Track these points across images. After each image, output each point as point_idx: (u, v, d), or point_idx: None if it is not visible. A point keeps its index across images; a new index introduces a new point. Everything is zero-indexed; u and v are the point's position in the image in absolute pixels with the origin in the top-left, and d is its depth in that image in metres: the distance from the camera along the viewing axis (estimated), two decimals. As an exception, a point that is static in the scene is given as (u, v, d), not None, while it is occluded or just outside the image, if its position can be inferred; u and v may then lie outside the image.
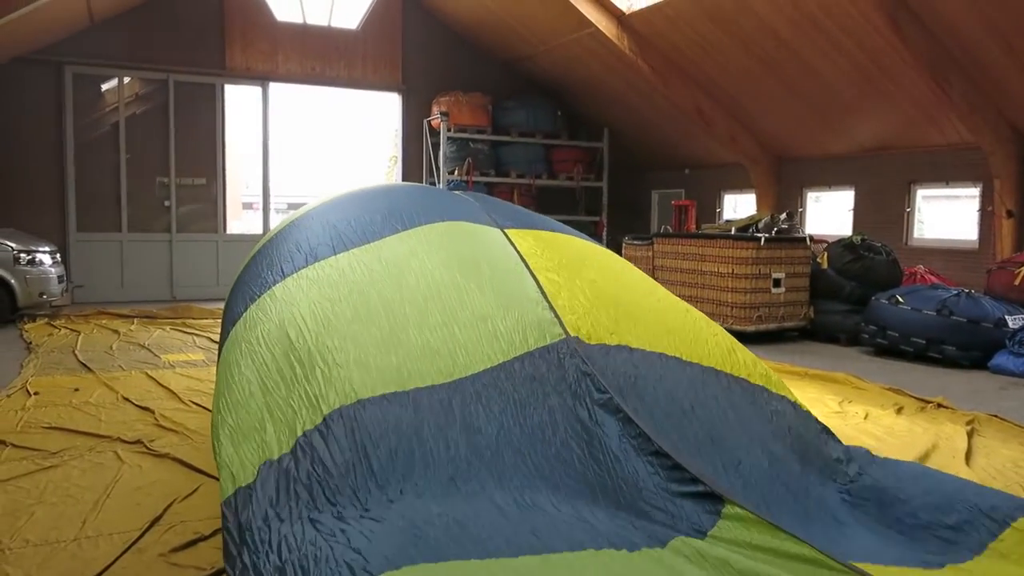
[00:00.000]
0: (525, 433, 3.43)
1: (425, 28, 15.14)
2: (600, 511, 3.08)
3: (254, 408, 3.24)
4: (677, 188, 15.92)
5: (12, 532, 3.59)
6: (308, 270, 4.20)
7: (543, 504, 3.08)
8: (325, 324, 3.70)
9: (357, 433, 3.16)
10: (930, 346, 8.34)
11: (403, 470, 3.12)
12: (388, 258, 4.38)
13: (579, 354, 3.74)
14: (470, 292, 4.11)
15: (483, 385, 3.59)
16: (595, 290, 4.33)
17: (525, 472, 3.26)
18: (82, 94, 12.82)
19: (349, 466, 3.05)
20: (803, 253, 10.00)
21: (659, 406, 3.65)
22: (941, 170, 10.96)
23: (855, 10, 9.34)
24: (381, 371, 3.49)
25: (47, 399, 6.06)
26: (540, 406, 3.55)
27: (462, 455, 3.28)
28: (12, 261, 9.72)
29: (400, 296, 4.05)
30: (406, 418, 3.31)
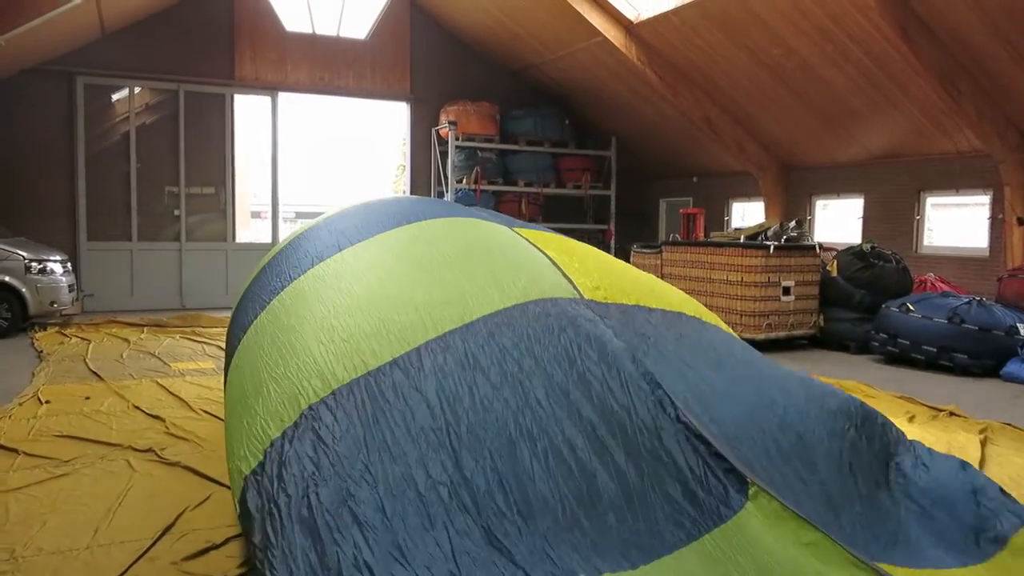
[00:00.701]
0: (540, 365, 3.39)
1: (433, 37, 15.21)
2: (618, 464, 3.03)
3: (265, 402, 3.27)
4: (685, 196, 15.92)
5: (25, 540, 3.60)
6: (314, 270, 4.31)
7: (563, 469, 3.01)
8: (330, 308, 3.76)
9: (368, 404, 3.14)
10: (941, 354, 8.30)
11: (419, 438, 3.05)
12: (393, 243, 4.52)
13: (592, 306, 3.73)
14: (479, 260, 4.15)
15: (495, 324, 3.57)
16: (605, 266, 4.41)
17: (539, 408, 3.20)
18: (93, 104, 12.90)
19: (359, 436, 3.01)
20: (813, 261, 9.97)
21: (681, 357, 3.60)
22: (951, 178, 10.93)
23: (863, 18, 9.34)
24: (390, 334, 3.48)
25: (58, 407, 6.09)
26: (554, 339, 3.51)
27: (478, 396, 3.23)
28: (23, 270, 9.77)
29: (406, 268, 4.13)
30: (416, 378, 3.28)
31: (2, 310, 9.70)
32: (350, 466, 2.84)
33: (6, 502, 4.06)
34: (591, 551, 2.76)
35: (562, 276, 4.02)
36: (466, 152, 14.62)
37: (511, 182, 15.06)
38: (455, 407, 3.14)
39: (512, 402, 3.19)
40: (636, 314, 3.88)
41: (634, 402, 3.22)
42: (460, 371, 3.30)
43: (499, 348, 3.41)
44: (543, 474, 2.95)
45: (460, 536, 2.68)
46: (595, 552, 2.76)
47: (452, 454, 2.95)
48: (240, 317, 4.61)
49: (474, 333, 3.48)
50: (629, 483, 2.98)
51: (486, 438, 3.03)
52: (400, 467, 2.86)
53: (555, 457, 3.01)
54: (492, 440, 3.03)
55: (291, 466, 2.84)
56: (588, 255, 4.54)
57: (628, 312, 3.87)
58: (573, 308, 3.70)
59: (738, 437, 3.26)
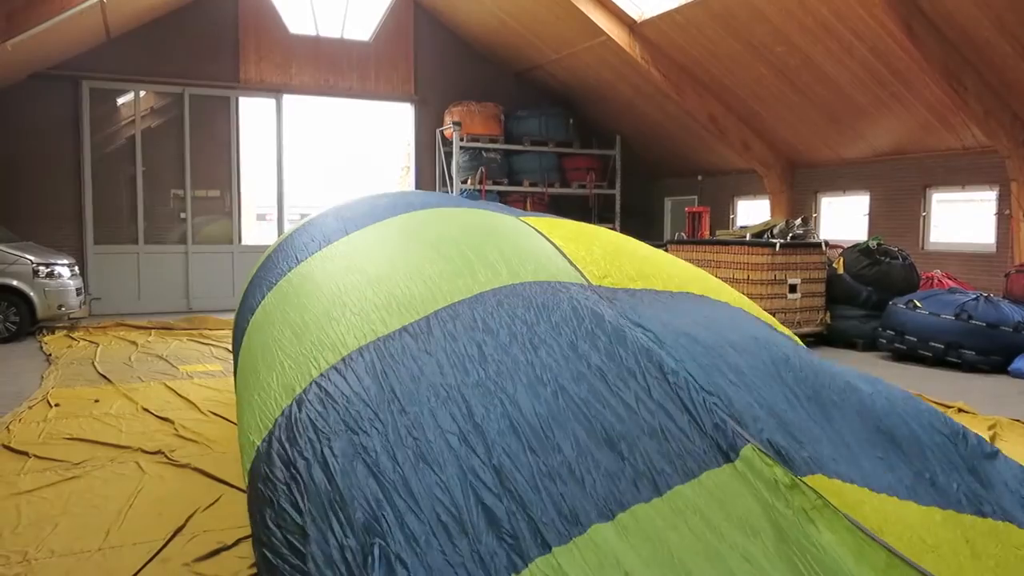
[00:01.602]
0: (551, 325, 3.47)
1: (437, 39, 15.22)
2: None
3: (279, 378, 3.37)
4: (690, 195, 15.90)
5: (37, 543, 3.62)
6: (322, 251, 4.44)
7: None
8: (340, 286, 3.86)
9: (377, 363, 3.22)
10: (949, 351, 8.28)
11: (428, 391, 3.12)
12: (401, 226, 4.70)
13: (600, 291, 3.82)
14: (489, 242, 4.26)
15: (504, 295, 3.66)
16: (613, 250, 4.46)
17: (552, 366, 3.26)
18: (99, 108, 12.95)
19: (369, 390, 3.10)
20: (819, 258, 9.96)
21: (687, 329, 3.63)
22: (957, 174, 10.91)
23: (868, 15, 9.33)
24: (400, 305, 3.59)
25: (68, 410, 6.11)
26: (563, 306, 3.59)
27: (488, 352, 3.31)
28: (31, 274, 9.82)
29: (415, 246, 4.25)
30: (425, 342, 3.38)
31: (10, 314, 9.74)
32: (359, 418, 2.92)
33: (18, 505, 4.09)
34: (608, 485, 2.81)
35: (569, 264, 4.10)
36: (471, 153, 14.64)
37: (516, 182, 15.07)
38: (464, 364, 3.23)
39: (522, 357, 3.28)
40: (643, 297, 3.97)
41: (640, 363, 3.30)
42: (469, 334, 3.40)
43: (508, 314, 3.52)
44: (557, 416, 3.03)
45: (472, 477, 2.74)
46: (612, 485, 2.82)
47: (462, 404, 3.02)
48: (248, 301, 4.73)
49: (483, 302, 3.59)
50: (641, 421, 3.04)
51: (496, 389, 3.10)
52: (409, 417, 2.93)
53: (565, 400, 3.09)
54: (502, 390, 3.11)
55: (304, 426, 2.93)
56: (595, 240, 4.62)
57: (636, 296, 3.95)
58: (580, 291, 3.79)
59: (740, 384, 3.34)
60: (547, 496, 2.74)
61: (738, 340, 3.78)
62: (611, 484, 2.84)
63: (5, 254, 9.77)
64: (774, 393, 3.38)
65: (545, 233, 4.53)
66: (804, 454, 2.96)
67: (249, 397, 3.45)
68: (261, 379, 3.47)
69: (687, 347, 3.51)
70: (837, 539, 2.69)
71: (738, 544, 2.68)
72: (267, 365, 3.56)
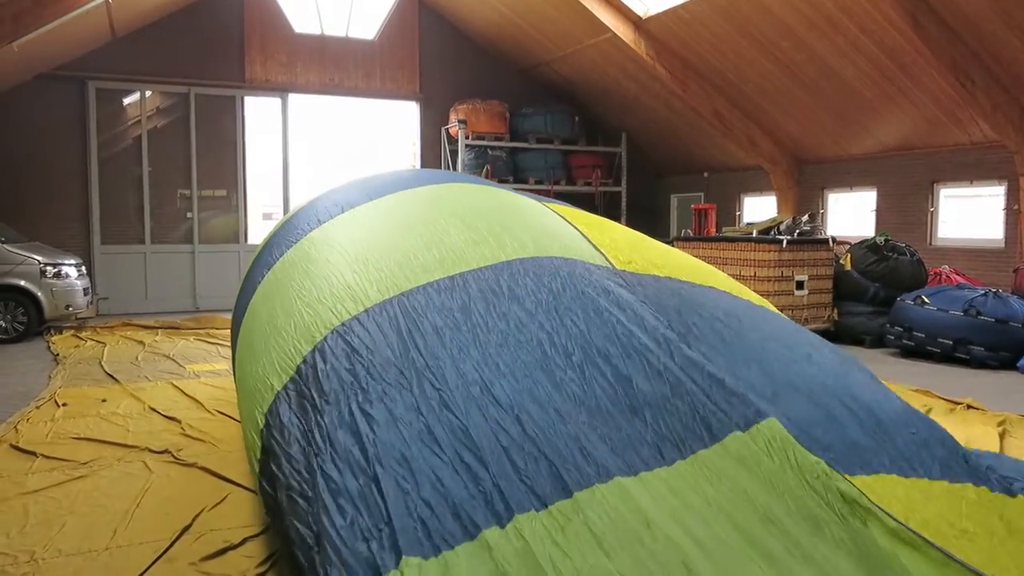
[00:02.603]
0: (577, 293, 3.56)
1: (442, 37, 15.21)
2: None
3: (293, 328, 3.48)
4: (696, 192, 15.86)
5: (45, 542, 3.63)
6: (343, 215, 4.54)
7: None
8: (364, 245, 3.97)
9: (401, 318, 3.31)
10: (957, 347, 8.24)
11: (452, 344, 3.22)
12: (425, 195, 4.84)
13: (625, 276, 3.89)
14: (515, 217, 4.37)
15: (530, 264, 3.73)
16: (634, 240, 4.56)
17: (577, 335, 3.35)
18: (105, 108, 12.98)
19: (393, 345, 3.18)
20: (826, 255, 9.92)
21: (712, 324, 3.69)
22: (965, 169, 10.84)
23: (874, 9, 9.27)
24: (425, 266, 3.67)
25: (75, 410, 6.13)
26: (590, 279, 3.69)
27: (512, 317, 3.39)
28: (39, 274, 9.85)
29: (442, 216, 4.30)
30: (449, 299, 3.47)
31: (18, 314, 9.77)
32: (385, 372, 3.01)
33: (25, 504, 4.10)
34: (625, 446, 2.88)
35: (594, 248, 4.17)
36: (476, 151, 14.62)
37: (522, 180, 15.05)
38: (488, 322, 3.32)
39: (547, 323, 3.37)
40: (668, 283, 4.03)
41: (664, 339, 3.41)
42: (494, 295, 3.50)
43: (534, 282, 3.60)
44: (577, 378, 3.11)
45: (493, 425, 2.82)
46: (630, 447, 2.89)
47: (486, 359, 3.11)
48: (264, 257, 4.82)
49: (509, 269, 3.67)
50: (666, 387, 3.14)
51: (519, 349, 3.21)
52: (432, 370, 3.03)
53: (590, 364, 3.18)
54: (527, 351, 3.20)
55: (330, 377, 3.02)
56: (617, 230, 4.73)
57: (660, 281, 4.01)
58: (607, 273, 3.86)
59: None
60: (569, 446, 2.81)
61: (764, 328, 3.83)
62: (635, 444, 2.91)
63: (12, 254, 9.81)
64: (803, 378, 3.42)
65: (569, 219, 4.58)
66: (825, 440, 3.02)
67: (265, 341, 3.51)
68: (279, 325, 3.53)
69: (714, 330, 3.60)
70: (863, 504, 2.73)
71: (760, 501, 2.71)
72: (285, 311, 3.64)
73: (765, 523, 2.65)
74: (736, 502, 2.71)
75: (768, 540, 2.58)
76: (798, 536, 2.61)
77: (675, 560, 2.44)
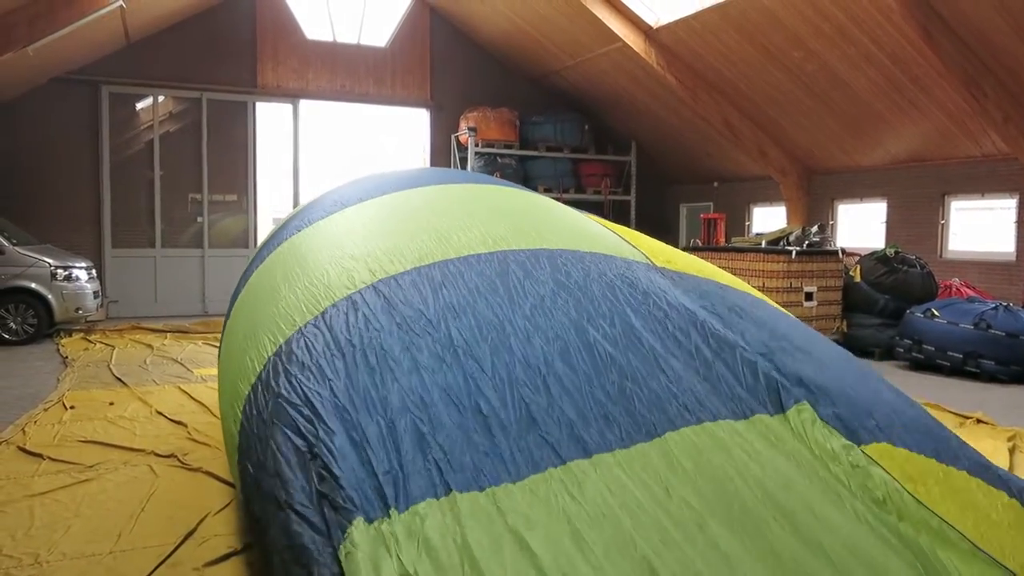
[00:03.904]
0: (618, 276, 3.65)
1: (453, 45, 15.26)
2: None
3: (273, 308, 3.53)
4: (706, 201, 15.83)
5: (49, 545, 3.64)
6: (372, 201, 4.60)
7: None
8: (397, 221, 4.08)
9: (439, 278, 3.42)
10: (967, 360, 8.18)
11: (486, 304, 3.31)
12: (459, 190, 4.96)
13: (665, 272, 3.97)
14: (552, 215, 4.46)
15: (573, 252, 3.81)
16: (670, 250, 4.60)
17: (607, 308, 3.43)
18: (118, 113, 13.07)
19: (425, 296, 3.27)
20: (835, 266, 9.88)
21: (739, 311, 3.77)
22: (976, 181, 10.79)
23: (885, 20, 9.25)
24: (467, 243, 3.76)
25: (83, 413, 6.15)
26: (630, 267, 3.78)
27: (549, 288, 3.47)
28: (49, 277, 9.91)
29: (480, 206, 4.42)
30: (491, 266, 3.56)
31: (28, 316, 9.84)
32: (415, 323, 3.11)
33: (31, 507, 4.11)
34: (651, 408, 2.95)
35: (631, 246, 4.24)
36: (486, 158, 14.64)
37: (531, 188, 15.01)
38: (524, 285, 3.44)
39: (584, 295, 3.46)
40: (709, 282, 4.11)
41: (700, 321, 3.51)
42: (532, 267, 3.59)
43: (575, 262, 3.70)
44: (610, 344, 3.20)
45: (517, 384, 2.90)
46: (656, 408, 2.96)
47: (516, 323, 3.19)
48: (261, 252, 4.88)
49: (549, 252, 3.76)
50: (695, 364, 3.23)
51: (554, 313, 3.30)
52: (461, 326, 3.12)
53: (625, 335, 3.27)
54: (558, 321, 3.27)
55: (360, 321, 3.11)
56: (650, 239, 4.76)
57: (700, 279, 4.08)
58: (646, 268, 3.91)
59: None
60: (593, 408, 2.87)
61: (797, 327, 3.93)
62: (660, 406, 2.96)
63: (24, 257, 9.87)
64: (840, 373, 3.47)
65: (598, 222, 4.65)
66: (870, 423, 3.04)
67: (265, 308, 3.57)
68: (282, 295, 3.58)
69: (752, 322, 3.67)
70: (890, 483, 2.77)
71: (780, 470, 2.73)
72: (314, 265, 3.71)
73: (786, 489, 2.69)
74: (757, 470, 2.76)
75: (789, 501, 2.64)
76: (820, 504, 2.66)
77: (691, 520, 2.49)
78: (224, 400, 3.55)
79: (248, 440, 2.84)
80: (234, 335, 3.88)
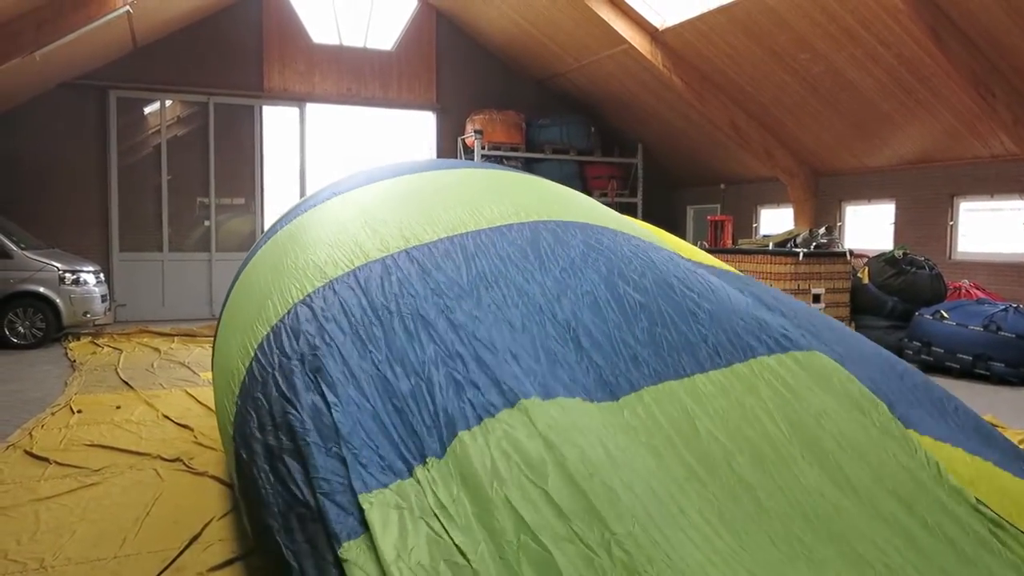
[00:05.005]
0: (650, 247, 3.77)
1: (459, 47, 15.27)
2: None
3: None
4: (712, 203, 15.79)
5: (55, 550, 3.64)
6: (380, 183, 4.68)
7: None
8: (420, 197, 4.14)
9: (471, 247, 3.49)
10: (977, 363, 8.12)
11: (516, 268, 3.40)
12: (482, 173, 5.01)
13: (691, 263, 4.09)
14: (576, 199, 4.58)
15: (585, 224, 3.89)
16: (676, 240, 4.76)
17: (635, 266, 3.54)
18: (126, 117, 13.12)
19: (459, 266, 3.35)
20: (843, 268, 9.84)
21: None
22: (985, 182, 10.72)
23: (892, 21, 9.21)
24: (500, 214, 3.83)
25: (90, 417, 6.17)
26: (647, 242, 3.91)
27: (579, 251, 3.56)
28: (57, 281, 9.94)
29: (503, 183, 4.55)
30: (522, 235, 3.64)
31: (36, 320, 9.87)
32: (449, 288, 3.18)
33: (37, 511, 4.12)
34: (679, 352, 3.06)
35: (654, 235, 4.38)
36: (492, 161, 14.63)
37: (537, 190, 15.03)
38: (555, 249, 3.54)
39: (617, 258, 3.56)
40: (731, 274, 4.25)
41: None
42: (564, 235, 3.68)
43: (610, 236, 3.79)
44: (640, 296, 3.32)
45: (548, 337, 3.00)
46: (685, 350, 3.07)
47: (544, 285, 3.28)
48: (261, 240, 4.97)
49: (581, 225, 3.84)
50: (731, 307, 3.38)
51: (585, 272, 3.39)
52: (494, 293, 3.20)
53: (654, 284, 3.38)
54: (591, 268, 3.39)
55: (390, 285, 3.19)
56: (673, 236, 4.87)
57: (722, 271, 4.20)
58: (670, 256, 4.00)
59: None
60: (623, 352, 2.97)
61: (817, 314, 4.10)
62: (690, 350, 3.07)
63: (32, 261, 9.91)
64: (871, 367, 3.53)
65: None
66: (897, 413, 3.11)
67: (292, 260, 3.60)
68: (310, 250, 3.63)
69: (786, 304, 3.81)
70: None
71: (812, 403, 2.77)
72: (337, 233, 3.75)
73: (817, 423, 2.77)
74: (792, 400, 2.86)
75: (818, 433, 2.71)
76: (849, 432, 2.75)
77: (719, 454, 2.58)
78: (232, 345, 3.56)
79: (263, 383, 2.90)
80: (249, 287, 3.97)
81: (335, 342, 2.86)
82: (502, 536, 2.17)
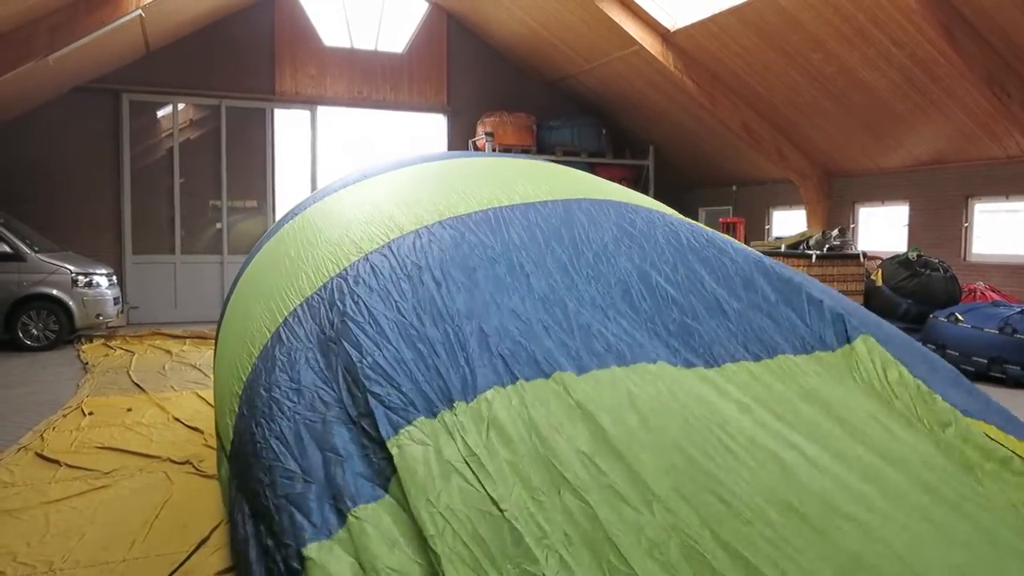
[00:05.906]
0: (668, 229, 3.80)
1: (470, 49, 15.27)
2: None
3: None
4: (724, 205, 15.72)
5: (64, 553, 3.64)
6: (410, 168, 4.77)
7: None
8: (434, 183, 4.21)
9: (493, 220, 3.58)
10: (992, 366, 8.03)
11: (541, 236, 3.48)
12: (491, 159, 5.17)
13: None
14: (590, 179, 4.67)
15: (618, 203, 3.98)
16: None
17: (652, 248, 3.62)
18: (138, 121, 13.20)
19: (479, 240, 3.42)
20: (856, 270, 9.77)
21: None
22: (1000, 183, 10.62)
23: (906, 21, 9.13)
24: (523, 193, 3.92)
25: (101, 419, 6.19)
26: (678, 219, 4.01)
27: (613, 220, 3.66)
28: (70, 283, 10.01)
29: (522, 166, 4.64)
30: (553, 211, 3.72)
31: (49, 322, 9.93)
32: (470, 256, 3.26)
33: (47, 514, 4.13)
34: (716, 340, 3.11)
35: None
36: (503, 163, 14.63)
37: (548, 192, 15.01)
38: (579, 217, 3.64)
39: (647, 231, 3.65)
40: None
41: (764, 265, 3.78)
42: (594, 211, 3.75)
43: (645, 215, 3.85)
44: (671, 272, 3.42)
45: (575, 302, 3.08)
46: (716, 342, 3.10)
47: (566, 265, 3.33)
48: (263, 240, 5.05)
49: (608, 202, 3.93)
50: (758, 301, 3.42)
51: (609, 260, 3.44)
52: (504, 265, 3.24)
53: (686, 279, 3.43)
54: (614, 262, 3.43)
55: (422, 244, 3.32)
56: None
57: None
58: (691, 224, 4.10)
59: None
60: (654, 339, 3.02)
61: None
62: (720, 342, 3.11)
63: (45, 263, 9.98)
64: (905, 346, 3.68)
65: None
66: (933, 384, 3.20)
67: (294, 268, 3.65)
68: (341, 230, 3.71)
69: (814, 285, 3.85)
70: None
71: (843, 392, 2.91)
72: (354, 214, 3.84)
73: (849, 407, 2.84)
74: (819, 391, 2.90)
75: (854, 418, 2.76)
76: (885, 419, 2.80)
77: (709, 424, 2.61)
78: (254, 311, 3.62)
79: (288, 348, 2.99)
80: (277, 259, 4.01)
81: (362, 299, 2.99)
82: (539, 489, 2.20)
